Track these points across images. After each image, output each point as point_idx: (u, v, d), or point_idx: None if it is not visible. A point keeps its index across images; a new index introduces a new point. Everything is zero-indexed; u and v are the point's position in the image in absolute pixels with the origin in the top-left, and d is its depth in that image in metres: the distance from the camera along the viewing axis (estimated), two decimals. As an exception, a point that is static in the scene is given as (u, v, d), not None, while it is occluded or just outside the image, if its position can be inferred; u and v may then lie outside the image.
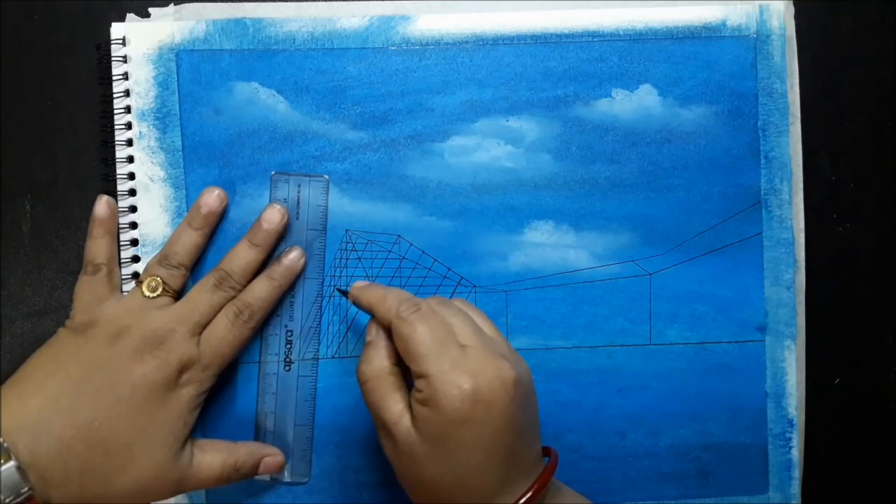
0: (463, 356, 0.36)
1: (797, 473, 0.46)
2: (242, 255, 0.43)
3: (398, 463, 0.38)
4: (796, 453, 0.46)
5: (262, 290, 0.42)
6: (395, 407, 0.37)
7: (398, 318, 0.37)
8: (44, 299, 0.45)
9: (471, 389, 0.35)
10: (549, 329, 0.45)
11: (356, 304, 0.41)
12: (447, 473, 0.36)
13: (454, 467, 0.36)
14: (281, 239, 0.44)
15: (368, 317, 0.40)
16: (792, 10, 0.46)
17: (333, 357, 0.45)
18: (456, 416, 0.35)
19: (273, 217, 0.43)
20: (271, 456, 0.43)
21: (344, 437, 0.45)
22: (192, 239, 0.43)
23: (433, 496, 0.37)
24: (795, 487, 0.46)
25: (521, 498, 0.36)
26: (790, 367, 0.46)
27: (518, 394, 0.36)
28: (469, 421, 0.35)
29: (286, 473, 0.45)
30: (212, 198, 0.43)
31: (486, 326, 0.39)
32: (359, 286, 0.41)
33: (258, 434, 0.45)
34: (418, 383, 0.36)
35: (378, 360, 0.39)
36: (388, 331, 0.38)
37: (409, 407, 0.37)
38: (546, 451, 0.39)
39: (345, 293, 0.43)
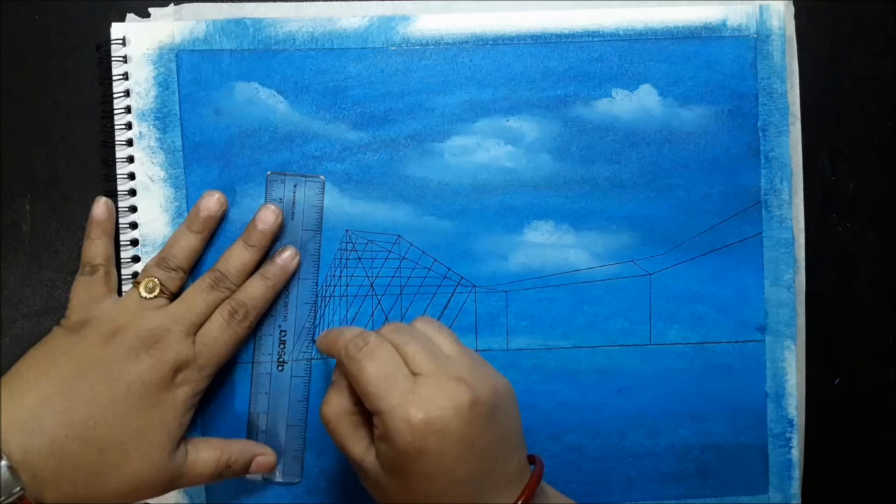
0: (413, 387, 0.36)
1: (797, 473, 0.46)
2: (238, 256, 0.43)
3: (372, 493, 0.38)
4: (796, 453, 0.46)
5: (256, 289, 0.42)
6: (358, 445, 0.38)
7: (346, 358, 0.37)
8: (44, 299, 0.45)
9: (421, 422, 0.35)
10: (549, 329, 0.45)
11: (322, 353, 0.41)
12: (415, 502, 0.36)
13: (420, 496, 0.36)
14: (276, 239, 0.44)
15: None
16: (792, 10, 0.46)
17: (327, 358, 0.45)
18: (410, 450, 0.35)
19: (267, 217, 0.43)
20: (263, 455, 0.43)
21: (344, 437, 0.45)
22: (190, 242, 0.43)
23: None
24: (795, 487, 0.46)
25: None
26: (790, 367, 0.46)
27: (477, 415, 0.35)
28: (424, 452, 0.35)
29: (278, 473, 0.45)
30: (211, 201, 0.43)
31: (448, 345, 0.38)
32: (320, 337, 0.41)
33: (251, 434, 0.45)
34: (374, 420, 0.36)
35: (337, 401, 0.38)
36: None
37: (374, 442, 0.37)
38: (531, 460, 0.39)
39: None
